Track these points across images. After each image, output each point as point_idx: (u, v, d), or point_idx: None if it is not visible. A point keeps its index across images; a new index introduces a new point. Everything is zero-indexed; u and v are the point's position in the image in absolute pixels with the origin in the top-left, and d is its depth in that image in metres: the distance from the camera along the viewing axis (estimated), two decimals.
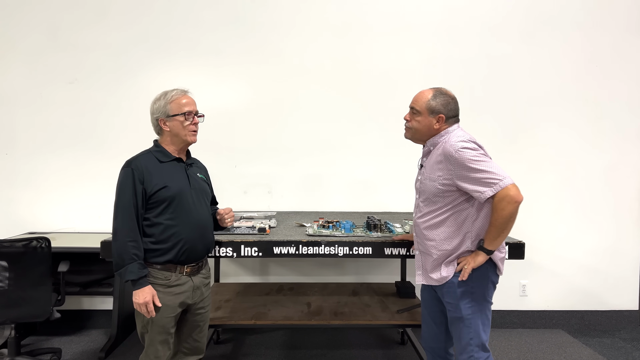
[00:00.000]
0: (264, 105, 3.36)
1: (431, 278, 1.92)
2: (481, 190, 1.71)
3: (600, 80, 3.38)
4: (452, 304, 1.86)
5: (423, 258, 1.97)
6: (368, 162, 3.39)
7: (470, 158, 1.72)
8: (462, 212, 1.82)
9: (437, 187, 1.82)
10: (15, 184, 3.32)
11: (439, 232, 1.85)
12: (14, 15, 3.26)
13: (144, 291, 1.78)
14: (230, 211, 2.13)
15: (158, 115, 1.90)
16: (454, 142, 1.78)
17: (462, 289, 1.83)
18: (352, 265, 3.45)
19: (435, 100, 1.87)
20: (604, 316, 3.47)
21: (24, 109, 3.30)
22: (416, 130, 1.92)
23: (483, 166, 1.71)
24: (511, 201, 1.68)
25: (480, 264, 1.79)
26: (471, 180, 1.73)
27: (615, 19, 3.34)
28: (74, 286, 3.10)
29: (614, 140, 3.40)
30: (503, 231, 1.73)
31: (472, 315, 1.84)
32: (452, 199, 1.81)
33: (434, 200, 1.86)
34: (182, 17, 3.29)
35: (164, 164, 1.89)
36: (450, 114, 1.87)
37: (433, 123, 1.87)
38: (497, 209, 1.71)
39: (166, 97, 1.90)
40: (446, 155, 1.78)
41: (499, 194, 1.69)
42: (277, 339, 3.19)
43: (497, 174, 1.70)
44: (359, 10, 3.32)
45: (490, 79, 3.35)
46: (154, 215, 1.84)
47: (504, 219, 1.70)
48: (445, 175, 1.79)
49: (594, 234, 3.43)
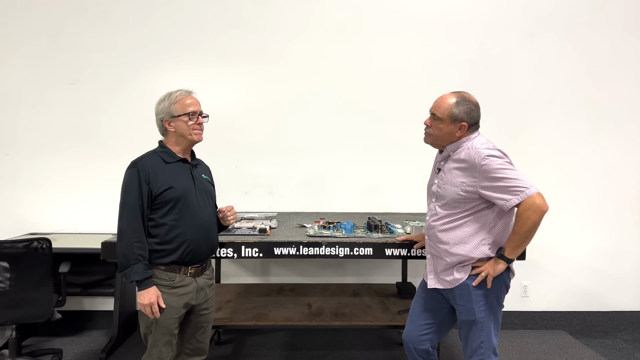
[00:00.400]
0: (265, 106, 3.36)
1: (444, 280, 1.90)
2: (506, 198, 1.69)
3: (600, 79, 3.37)
4: (465, 307, 1.85)
5: (435, 261, 1.95)
6: (369, 163, 3.38)
7: (497, 167, 1.70)
8: (480, 218, 1.80)
9: (458, 194, 1.80)
10: (16, 185, 3.33)
11: (454, 236, 1.83)
12: (17, 17, 3.26)
13: (149, 292, 1.78)
14: (232, 209, 2.10)
15: (163, 116, 1.90)
16: (479, 149, 1.75)
17: (477, 291, 1.82)
18: (353, 266, 3.45)
19: (459, 108, 1.81)
20: (605, 317, 3.46)
21: (26, 109, 3.30)
22: (437, 137, 1.88)
23: (509, 174, 1.69)
24: (537, 210, 1.66)
25: (499, 272, 1.78)
26: (496, 189, 1.71)
27: (615, 19, 3.33)
28: (75, 287, 3.11)
29: (615, 140, 3.39)
30: (525, 240, 1.72)
31: (485, 318, 1.83)
32: (473, 205, 1.80)
33: (453, 206, 1.83)
34: (184, 18, 3.29)
35: (170, 165, 1.89)
36: (472, 122, 1.83)
37: (455, 131, 1.83)
38: (521, 218, 1.69)
39: (170, 98, 1.90)
40: (471, 163, 1.75)
41: (525, 202, 1.67)
42: (278, 339, 3.19)
43: (524, 182, 1.68)
44: (360, 11, 3.31)
45: (490, 79, 3.34)
46: (159, 216, 1.84)
47: (528, 227, 1.68)
48: (469, 183, 1.77)
49: (596, 234, 3.42)
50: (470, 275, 1.83)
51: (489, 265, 1.79)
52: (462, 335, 1.93)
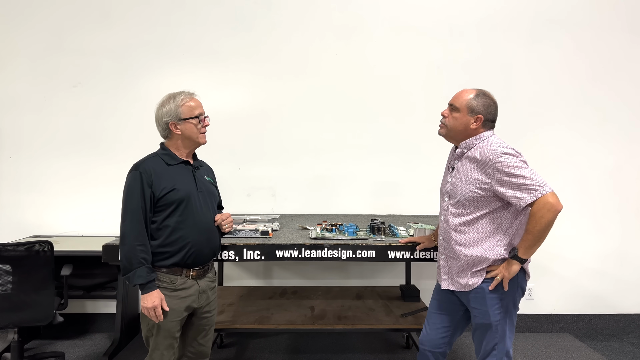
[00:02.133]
0: (267, 108, 3.35)
1: (458, 283, 1.88)
2: (521, 196, 1.68)
3: (605, 81, 3.34)
4: (480, 310, 1.83)
5: (449, 262, 1.93)
6: (372, 165, 3.37)
7: (512, 164, 1.69)
8: (496, 218, 1.79)
9: (473, 191, 1.78)
10: (19, 188, 3.33)
11: (470, 237, 1.82)
12: (18, 20, 3.27)
13: (152, 295, 1.77)
14: (227, 217, 2.01)
15: (169, 119, 1.87)
16: (494, 147, 1.74)
17: (492, 295, 1.80)
18: (356, 268, 3.43)
19: (477, 100, 1.82)
20: (611, 320, 3.43)
21: (28, 112, 3.30)
22: (452, 127, 1.87)
23: (524, 172, 1.68)
24: (551, 209, 1.65)
25: (514, 274, 1.76)
26: (510, 186, 1.69)
27: (621, 21, 3.31)
28: (77, 290, 3.10)
29: (620, 142, 3.37)
30: (539, 239, 1.71)
31: (500, 321, 1.81)
32: (487, 204, 1.78)
33: (466, 204, 1.81)
34: (185, 20, 3.29)
35: (172, 167, 1.89)
36: (489, 117, 1.83)
37: (470, 122, 1.83)
38: (535, 217, 1.67)
39: (176, 101, 1.88)
40: (485, 160, 1.74)
41: (539, 201, 1.66)
42: (280, 343, 3.17)
43: (538, 180, 1.67)
44: (362, 11, 3.30)
45: (494, 81, 3.32)
46: (161, 219, 1.83)
47: (542, 226, 1.67)
48: (484, 179, 1.75)
49: (601, 236, 3.39)
50: (485, 279, 1.81)
51: (503, 268, 1.77)
52: (476, 338, 1.91)
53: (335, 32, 3.32)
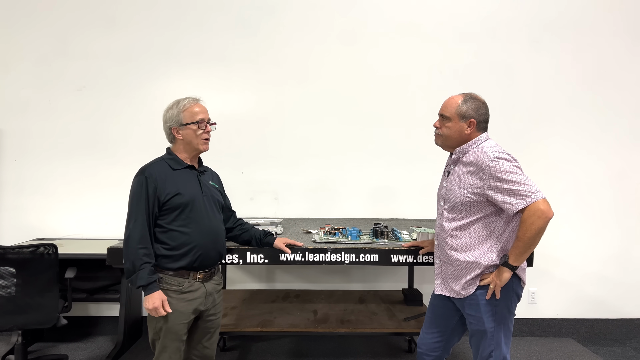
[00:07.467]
0: (270, 112, 3.37)
1: (452, 289, 1.88)
2: (512, 202, 1.67)
3: (608, 86, 3.35)
4: (475, 317, 1.83)
5: (443, 267, 1.93)
6: (375, 169, 3.38)
7: (505, 169, 1.69)
8: (489, 224, 1.79)
9: (466, 196, 1.79)
10: (23, 191, 3.34)
11: (462, 241, 1.82)
12: (24, 24, 3.30)
13: (153, 296, 1.78)
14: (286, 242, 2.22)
15: (171, 124, 1.91)
16: (489, 151, 1.75)
17: (486, 302, 1.80)
18: (358, 272, 3.43)
19: (466, 104, 1.83)
20: (614, 324, 3.42)
21: (32, 116, 3.32)
22: (447, 136, 1.87)
23: (516, 178, 1.67)
24: (541, 216, 1.64)
25: (506, 281, 1.76)
26: (502, 191, 1.69)
27: (622, 26, 3.32)
28: (80, 292, 3.11)
29: (622, 147, 3.37)
30: (530, 246, 1.70)
31: (495, 328, 1.81)
32: (480, 209, 1.78)
33: (460, 209, 1.82)
34: (189, 25, 3.31)
35: (177, 172, 1.91)
36: (481, 119, 1.84)
37: (464, 128, 1.83)
38: (526, 224, 1.66)
39: (179, 106, 1.91)
40: (479, 164, 1.75)
41: (530, 207, 1.65)
42: (283, 346, 3.17)
43: (530, 187, 1.66)
44: (365, 16, 3.33)
45: (496, 85, 3.34)
46: (167, 222, 1.85)
47: (533, 233, 1.66)
48: (477, 184, 1.76)
49: (604, 241, 3.39)
50: (479, 286, 1.81)
51: (494, 276, 1.77)
52: (473, 344, 1.91)
53: (338, 37, 3.34)
